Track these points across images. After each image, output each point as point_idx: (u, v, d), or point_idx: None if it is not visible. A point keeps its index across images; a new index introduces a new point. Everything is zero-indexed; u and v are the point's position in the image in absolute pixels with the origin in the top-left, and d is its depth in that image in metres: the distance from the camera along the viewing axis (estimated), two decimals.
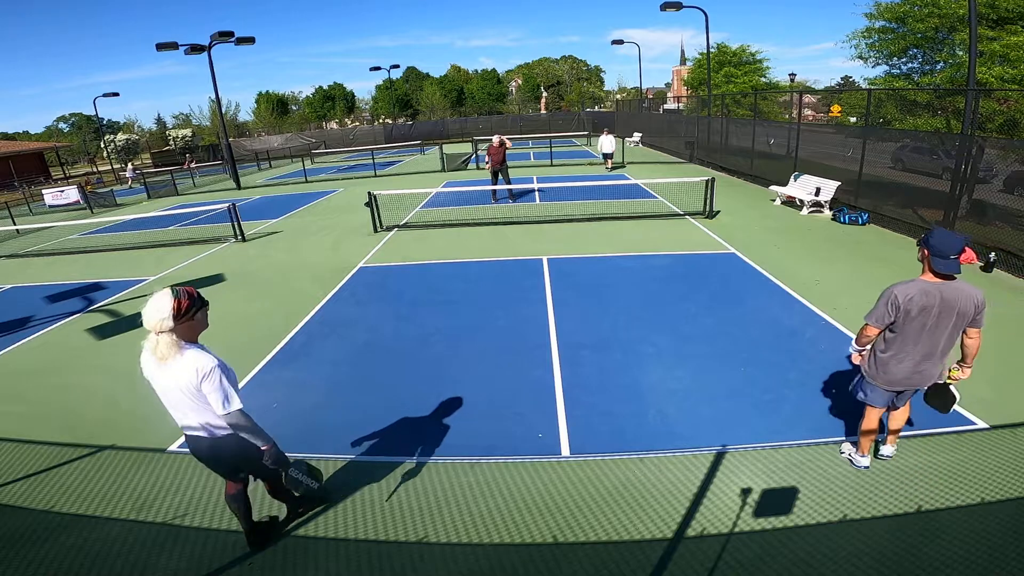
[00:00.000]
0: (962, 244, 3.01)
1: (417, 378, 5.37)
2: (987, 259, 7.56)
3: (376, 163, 25.10)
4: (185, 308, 2.59)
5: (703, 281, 7.73)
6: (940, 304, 3.07)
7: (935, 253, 3.04)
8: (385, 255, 10.08)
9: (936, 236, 3.07)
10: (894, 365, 3.30)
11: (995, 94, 9.39)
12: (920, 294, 3.07)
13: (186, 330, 2.64)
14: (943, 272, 3.04)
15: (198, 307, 2.68)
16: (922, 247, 3.15)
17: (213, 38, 20.91)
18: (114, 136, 51.74)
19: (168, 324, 2.54)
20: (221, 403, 2.62)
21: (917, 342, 3.21)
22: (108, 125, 59.86)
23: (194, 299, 2.66)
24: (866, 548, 3.08)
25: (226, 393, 2.64)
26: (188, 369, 2.58)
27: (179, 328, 2.59)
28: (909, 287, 3.11)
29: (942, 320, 3.11)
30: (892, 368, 3.31)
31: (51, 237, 15.06)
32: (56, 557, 3.37)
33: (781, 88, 27.27)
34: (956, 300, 3.06)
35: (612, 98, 65.72)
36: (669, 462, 3.92)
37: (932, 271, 3.09)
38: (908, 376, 3.32)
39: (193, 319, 2.66)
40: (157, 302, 2.55)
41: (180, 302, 2.57)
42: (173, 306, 2.55)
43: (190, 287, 2.69)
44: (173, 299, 2.56)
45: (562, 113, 53.70)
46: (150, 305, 2.55)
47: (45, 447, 4.58)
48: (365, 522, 3.51)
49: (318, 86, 65.36)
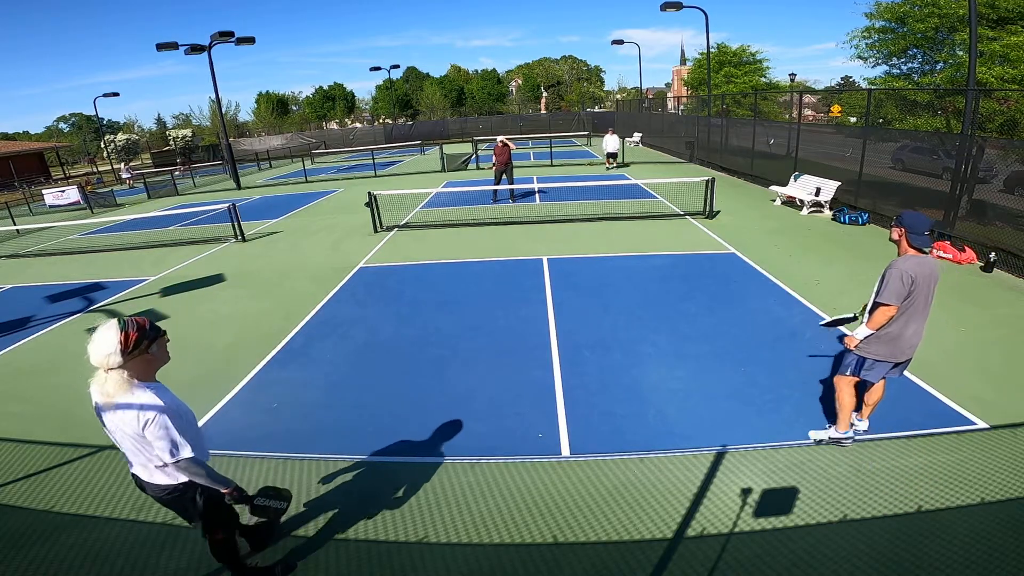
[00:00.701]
0: (931, 222, 3.42)
1: (417, 378, 5.37)
2: (987, 259, 7.56)
3: (376, 163, 25.10)
4: (134, 341, 2.30)
5: (703, 281, 7.73)
6: (931, 274, 3.43)
7: (912, 231, 3.40)
8: (385, 255, 10.08)
9: (909, 216, 3.46)
10: (906, 336, 3.52)
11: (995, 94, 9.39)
12: (917, 265, 3.39)
13: (140, 366, 2.36)
14: (921, 246, 3.40)
15: (151, 339, 2.38)
16: (897, 226, 3.48)
17: (213, 38, 20.91)
18: (114, 136, 51.72)
19: (116, 360, 2.25)
20: (168, 451, 2.36)
21: (920, 310, 3.49)
22: (108, 125, 59.93)
23: (145, 331, 2.35)
24: (866, 548, 3.08)
25: (173, 441, 2.36)
26: (130, 413, 2.31)
27: (130, 365, 2.30)
28: (908, 262, 3.40)
29: (932, 287, 3.46)
30: (904, 340, 3.53)
31: (51, 237, 15.06)
32: (56, 557, 3.38)
33: (781, 88, 27.28)
34: (934, 268, 3.47)
35: (612, 98, 65.73)
36: (669, 462, 3.92)
37: (912, 247, 3.43)
38: (912, 343, 3.56)
39: (147, 353, 2.37)
40: (102, 336, 2.27)
41: (128, 335, 2.28)
42: (120, 340, 2.26)
43: (142, 317, 2.42)
44: (120, 332, 2.27)
45: (562, 113, 53.72)
46: (95, 339, 2.27)
47: (45, 447, 4.58)
48: (365, 522, 3.51)
49: (318, 86, 65.49)
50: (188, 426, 2.50)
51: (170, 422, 2.36)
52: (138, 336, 2.32)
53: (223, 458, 4.25)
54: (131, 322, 2.34)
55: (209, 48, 21.29)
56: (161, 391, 2.43)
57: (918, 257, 3.42)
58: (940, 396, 4.53)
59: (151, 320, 2.43)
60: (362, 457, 4.17)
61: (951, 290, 6.87)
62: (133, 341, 2.30)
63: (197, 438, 2.57)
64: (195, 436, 2.55)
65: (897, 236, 3.51)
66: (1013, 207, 7.76)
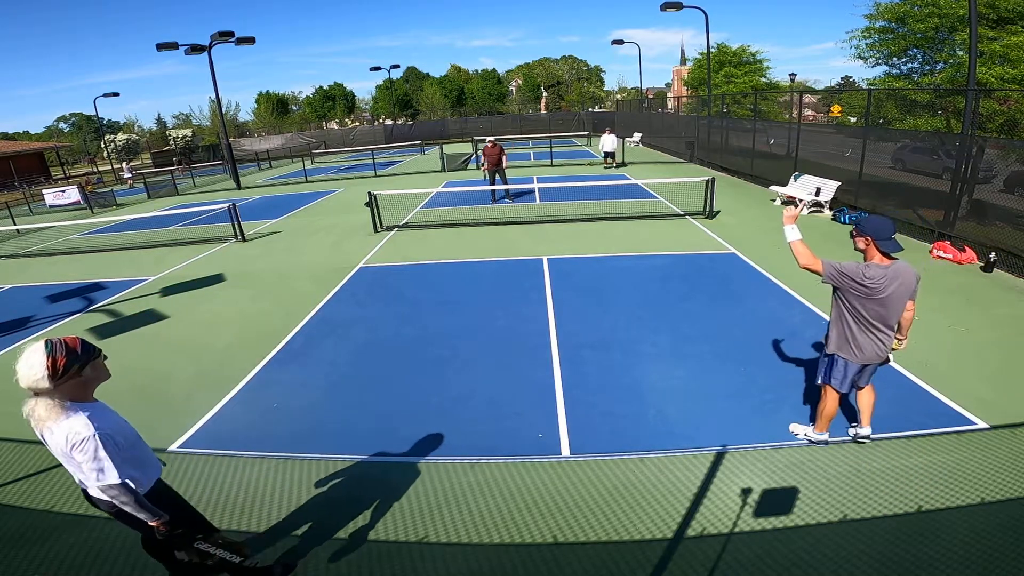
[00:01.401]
0: (895, 225, 3.32)
1: (417, 378, 5.37)
2: (987, 259, 7.55)
3: (376, 163, 25.11)
4: (63, 367, 2.17)
5: (703, 281, 7.73)
6: (898, 279, 3.31)
7: (879, 237, 3.29)
8: (385, 255, 10.08)
9: (871, 222, 3.35)
10: (863, 339, 3.46)
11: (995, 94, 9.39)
12: (885, 276, 3.29)
13: (74, 389, 2.24)
14: (890, 251, 3.30)
15: (83, 363, 2.24)
16: (861, 235, 3.37)
17: (213, 38, 20.91)
18: (114, 136, 51.71)
19: (44, 385, 2.14)
20: (95, 475, 2.24)
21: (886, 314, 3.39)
22: (108, 125, 59.91)
23: (76, 355, 2.22)
24: (866, 548, 3.08)
25: (100, 466, 2.23)
26: (59, 436, 2.20)
27: (61, 389, 2.19)
28: (871, 270, 3.31)
29: (899, 292, 3.33)
30: (862, 341, 3.47)
31: (51, 237, 15.06)
32: (56, 557, 3.38)
33: (781, 88, 27.28)
34: (906, 274, 3.34)
35: (612, 98, 65.71)
36: (669, 462, 3.92)
37: (880, 252, 3.33)
38: (877, 347, 3.48)
39: (79, 376, 2.24)
40: (28, 359, 2.15)
41: (56, 359, 2.15)
42: (48, 365, 2.14)
43: (73, 337, 2.28)
44: (48, 357, 2.14)
45: (562, 113, 53.71)
46: (22, 362, 2.15)
47: (45, 447, 4.57)
48: (365, 522, 3.51)
49: (318, 86, 65.44)
50: (129, 446, 2.37)
51: (101, 446, 2.22)
52: (67, 361, 2.18)
53: (223, 458, 4.26)
54: (59, 345, 2.19)
55: (209, 48, 21.30)
56: (97, 413, 2.30)
57: (881, 266, 3.30)
58: (940, 396, 4.53)
59: (84, 341, 2.29)
60: (362, 457, 4.17)
61: (951, 290, 6.87)
62: (62, 367, 2.17)
63: (142, 457, 2.47)
64: (139, 456, 2.44)
65: (863, 245, 3.37)
66: (1013, 207, 7.76)
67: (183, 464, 4.22)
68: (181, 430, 4.69)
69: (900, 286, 3.31)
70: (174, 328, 7.25)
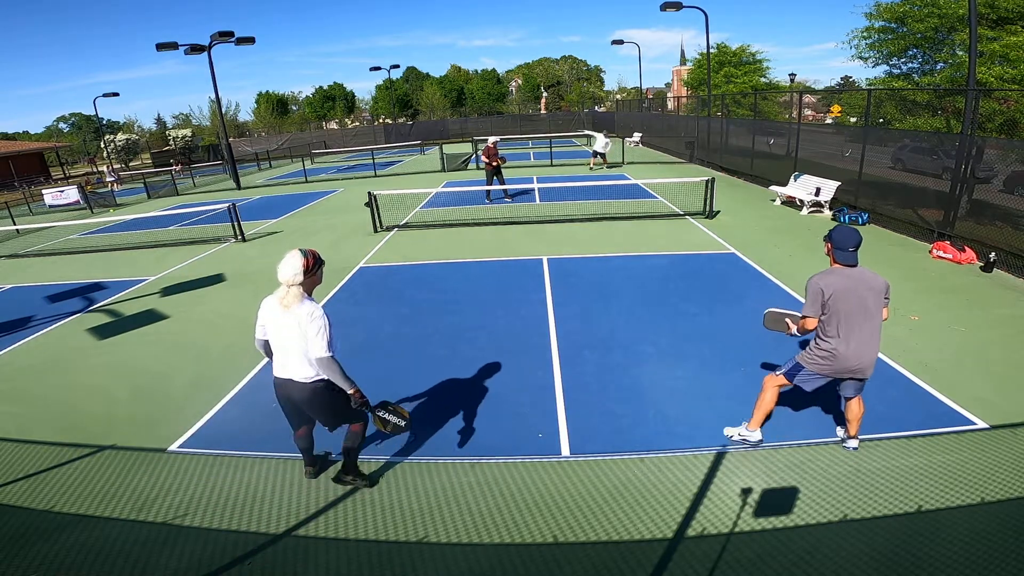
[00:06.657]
0: (859, 239, 3.47)
1: (417, 378, 5.37)
2: (987, 259, 7.56)
3: (376, 163, 25.10)
4: (312, 266, 3.14)
5: (703, 281, 7.73)
6: (861, 286, 3.42)
7: (838, 247, 3.50)
8: (385, 255, 10.08)
9: (838, 232, 3.54)
10: (844, 354, 3.48)
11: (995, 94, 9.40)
12: (839, 280, 3.43)
13: (309, 284, 3.18)
14: (844, 261, 3.47)
15: (320, 265, 3.23)
16: (827, 241, 3.59)
17: (213, 38, 20.90)
18: (114, 136, 51.66)
19: (299, 279, 3.08)
20: (324, 346, 3.08)
21: (857, 324, 3.44)
22: (108, 125, 59.83)
23: (318, 259, 3.22)
24: (866, 548, 3.08)
25: (328, 339, 3.11)
26: (304, 313, 3.08)
27: (305, 282, 3.12)
28: (827, 276, 3.47)
29: (866, 298, 3.42)
30: (842, 357, 3.49)
31: (51, 237, 15.05)
32: (56, 557, 3.37)
33: (781, 88, 27.27)
34: (870, 280, 3.45)
35: (612, 98, 65.69)
36: (669, 462, 3.92)
37: (836, 262, 3.52)
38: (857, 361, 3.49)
39: (315, 275, 3.21)
40: (291, 260, 3.08)
41: (308, 261, 3.12)
42: (304, 264, 3.08)
43: (314, 249, 3.22)
44: (303, 259, 3.09)
45: (562, 113, 53.72)
46: (285, 263, 3.08)
47: (45, 447, 4.58)
48: (365, 522, 3.51)
49: (318, 86, 65.47)
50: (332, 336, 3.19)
51: (328, 324, 3.13)
52: (313, 262, 3.17)
53: (223, 458, 4.26)
54: (309, 252, 3.16)
55: (209, 48, 21.29)
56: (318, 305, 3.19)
57: (842, 271, 3.47)
58: (940, 396, 4.53)
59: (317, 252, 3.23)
60: (362, 457, 4.16)
61: (951, 290, 6.87)
62: (311, 265, 3.15)
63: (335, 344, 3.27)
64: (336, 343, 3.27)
65: (827, 251, 3.63)
66: (1013, 207, 7.76)
67: (183, 464, 4.22)
68: (181, 430, 4.68)
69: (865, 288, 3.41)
70: (174, 328, 7.25)
